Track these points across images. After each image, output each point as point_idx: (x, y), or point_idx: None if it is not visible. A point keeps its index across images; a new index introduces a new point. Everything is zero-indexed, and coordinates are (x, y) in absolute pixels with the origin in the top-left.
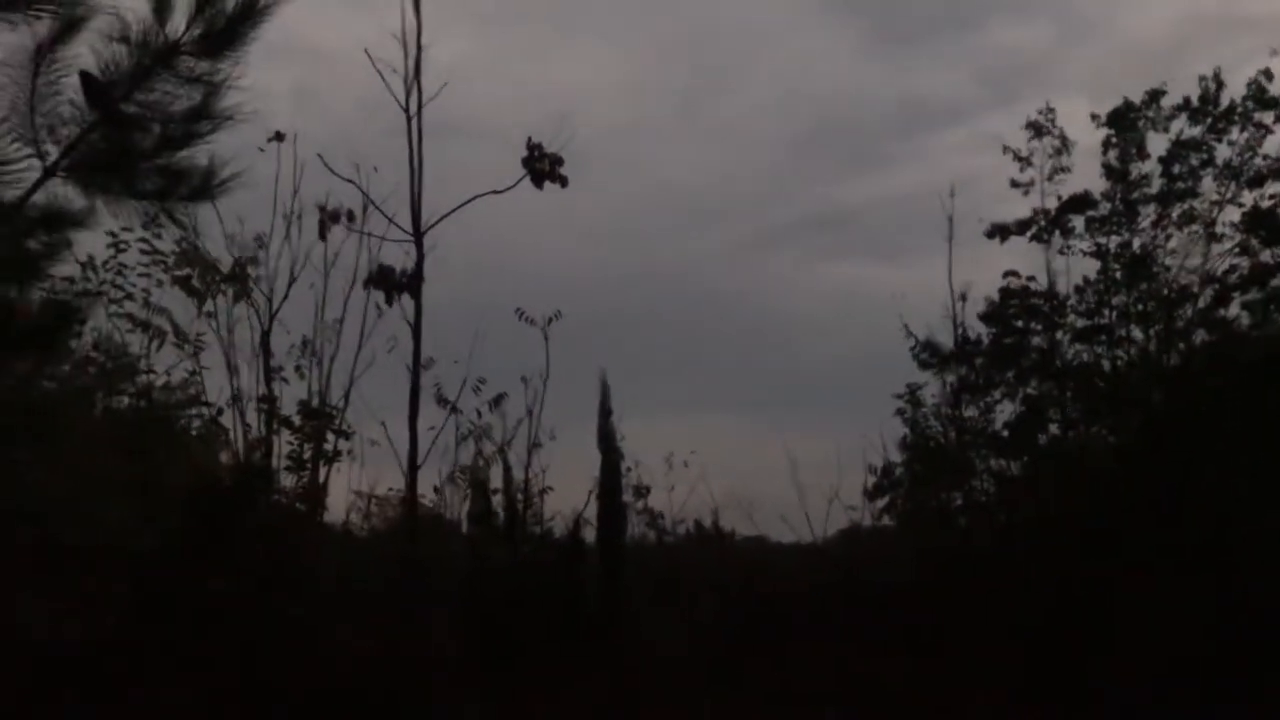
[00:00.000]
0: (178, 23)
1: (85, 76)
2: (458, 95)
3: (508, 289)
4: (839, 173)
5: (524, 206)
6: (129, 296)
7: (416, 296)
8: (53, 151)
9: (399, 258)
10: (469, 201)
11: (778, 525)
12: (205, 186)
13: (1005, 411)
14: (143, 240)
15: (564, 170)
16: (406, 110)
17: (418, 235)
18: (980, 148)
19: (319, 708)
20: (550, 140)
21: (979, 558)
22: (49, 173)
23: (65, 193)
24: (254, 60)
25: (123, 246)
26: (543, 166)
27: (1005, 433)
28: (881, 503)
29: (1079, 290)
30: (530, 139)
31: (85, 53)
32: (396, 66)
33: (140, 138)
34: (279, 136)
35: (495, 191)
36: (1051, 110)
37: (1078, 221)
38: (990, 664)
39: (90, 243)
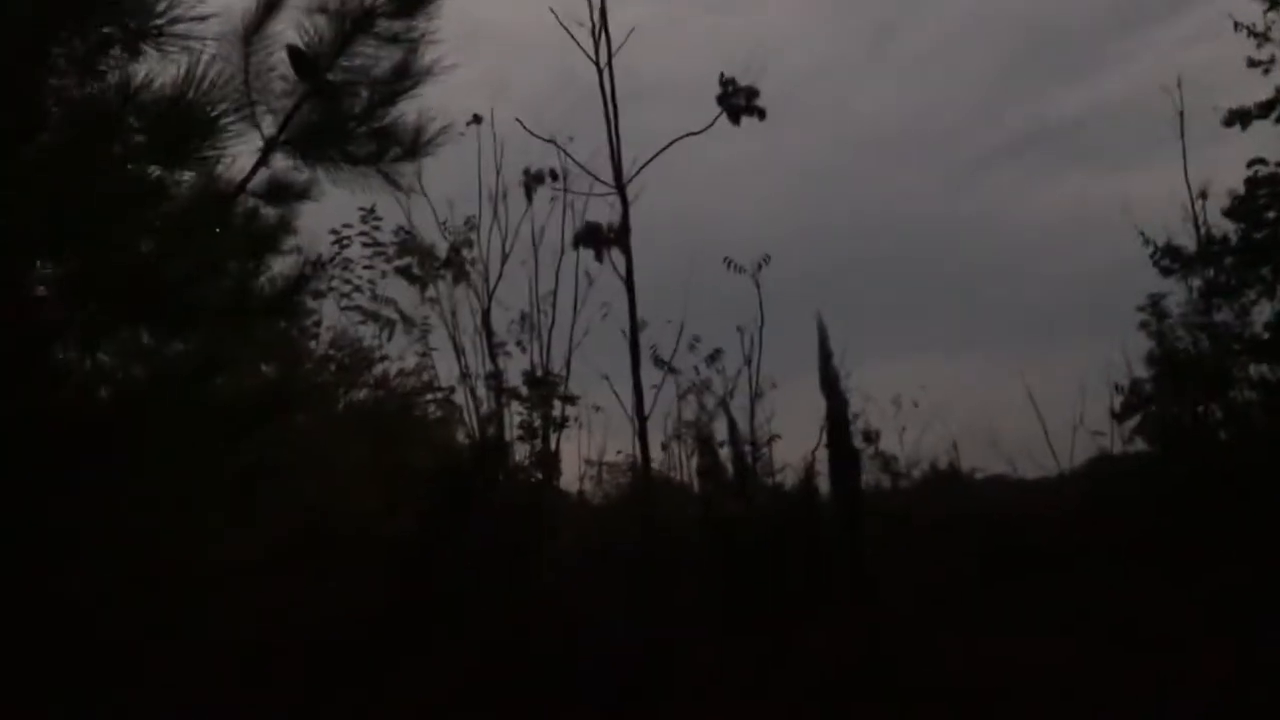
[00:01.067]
0: None
1: (292, 50)
2: (647, 55)
3: (717, 240)
4: (1053, 83)
5: (727, 155)
6: (357, 289)
7: (625, 248)
8: (270, 126)
9: (604, 216)
10: (669, 146)
11: (1020, 460)
12: (416, 144)
13: (1263, 312)
14: (363, 234)
15: (760, 103)
16: (596, 62)
17: (620, 186)
18: (1206, 35)
19: (574, 671)
20: (744, 76)
21: (1244, 472)
22: (269, 147)
23: (286, 166)
24: (446, 50)
25: (345, 241)
26: (738, 101)
27: (1265, 335)
28: (1131, 424)
29: None
30: (723, 74)
31: (289, 28)
32: (584, 23)
33: (349, 104)
34: (476, 119)
35: (693, 133)
36: None
37: None
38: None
39: (316, 241)
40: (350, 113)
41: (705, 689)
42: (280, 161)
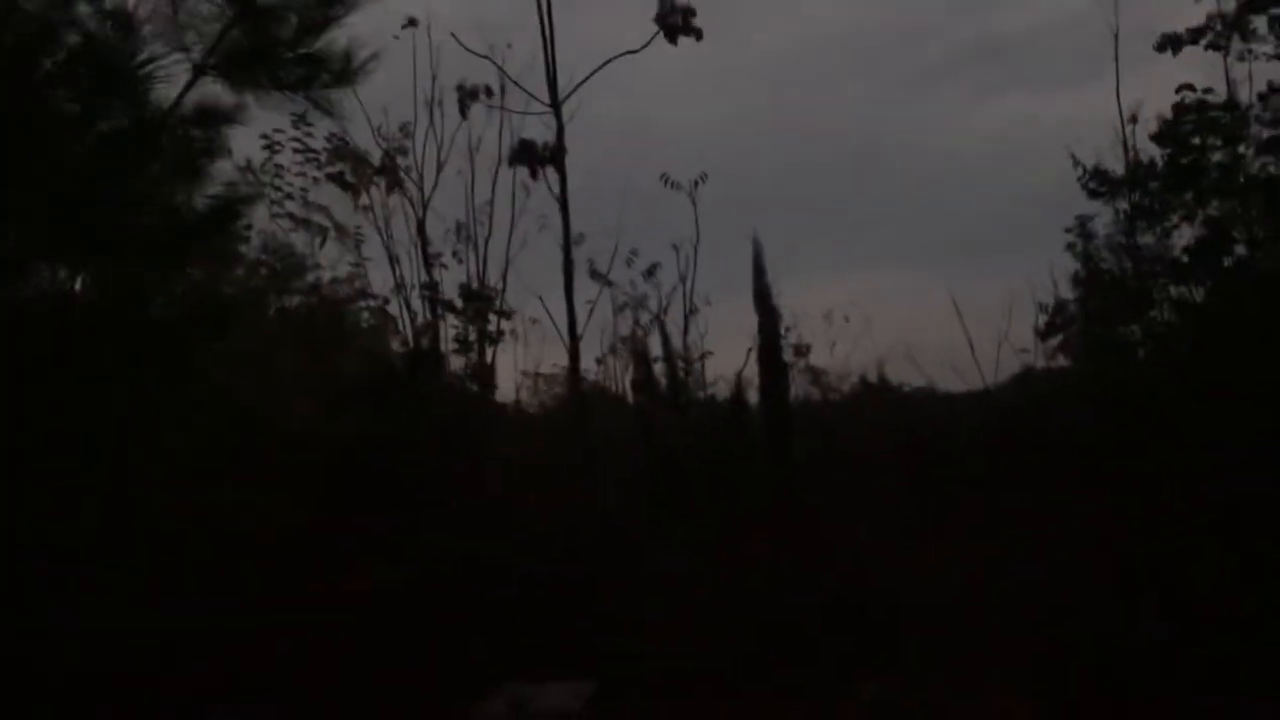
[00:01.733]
0: None
1: None
2: None
3: (656, 156)
4: None
5: (667, 67)
6: (289, 196)
7: (560, 168)
8: (198, 52)
9: (540, 133)
10: (604, 65)
11: (947, 375)
12: (346, 70)
13: (1184, 236)
14: (295, 140)
15: (697, 22)
16: None
17: (555, 105)
18: None
19: (511, 580)
20: None
21: (1161, 390)
22: (198, 72)
23: (215, 91)
24: None
25: (277, 147)
26: (675, 20)
27: (1185, 258)
28: (1054, 342)
29: (1263, 98)
30: None
31: None
32: None
33: (279, 28)
34: (412, 22)
35: (629, 52)
36: None
37: (1260, 22)
38: (1179, 501)
39: (246, 146)
40: (279, 38)
41: (646, 604)
42: (209, 86)
